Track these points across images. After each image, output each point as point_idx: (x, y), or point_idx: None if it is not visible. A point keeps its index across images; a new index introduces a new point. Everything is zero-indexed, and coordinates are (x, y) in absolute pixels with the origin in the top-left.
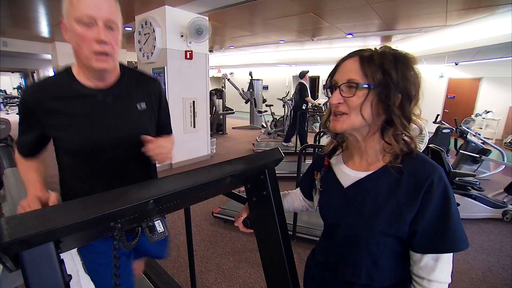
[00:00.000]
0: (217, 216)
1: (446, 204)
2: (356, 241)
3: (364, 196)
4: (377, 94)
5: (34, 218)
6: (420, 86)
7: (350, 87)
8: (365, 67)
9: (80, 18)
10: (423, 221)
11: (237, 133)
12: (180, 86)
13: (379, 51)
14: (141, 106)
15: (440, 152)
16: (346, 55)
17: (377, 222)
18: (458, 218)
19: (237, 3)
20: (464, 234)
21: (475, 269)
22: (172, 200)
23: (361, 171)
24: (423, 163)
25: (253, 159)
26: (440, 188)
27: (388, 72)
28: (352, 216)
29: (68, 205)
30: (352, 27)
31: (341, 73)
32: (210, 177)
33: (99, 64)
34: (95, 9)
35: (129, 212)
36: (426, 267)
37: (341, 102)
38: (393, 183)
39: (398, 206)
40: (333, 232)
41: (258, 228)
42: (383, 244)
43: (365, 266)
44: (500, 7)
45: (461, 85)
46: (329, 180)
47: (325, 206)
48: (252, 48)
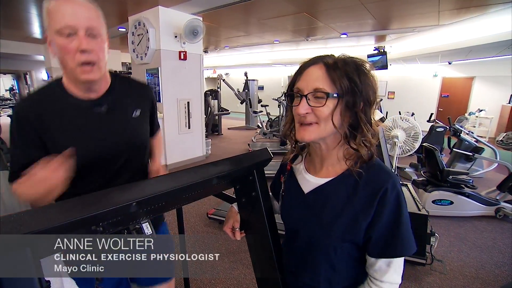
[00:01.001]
0: (212, 217)
1: (398, 212)
2: (314, 246)
3: (323, 202)
4: (345, 102)
5: (10, 223)
6: (377, 91)
7: (318, 97)
8: (332, 75)
9: (60, 29)
10: (377, 227)
11: (232, 133)
12: (175, 87)
13: (340, 58)
14: (135, 114)
15: (433, 151)
16: (308, 61)
17: (334, 228)
18: (408, 225)
19: (231, 3)
20: (413, 239)
21: (468, 266)
22: (157, 202)
23: (321, 177)
24: (378, 171)
25: (241, 160)
26: (393, 196)
27: (353, 79)
28: (311, 221)
29: (47, 209)
30: (346, 27)
31: (305, 81)
32: (196, 178)
33: (84, 75)
34: (74, 18)
35: (111, 214)
36: (379, 270)
37: (309, 112)
38: (350, 191)
39: (354, 214)
40: (293, 237)
41: (248, 229)
42: (340, 249)
43: (323, 270)
44: (492, 6)
45: (455, 84)
46: (291, 185)
47: (286, 210)
48: (247, 48)
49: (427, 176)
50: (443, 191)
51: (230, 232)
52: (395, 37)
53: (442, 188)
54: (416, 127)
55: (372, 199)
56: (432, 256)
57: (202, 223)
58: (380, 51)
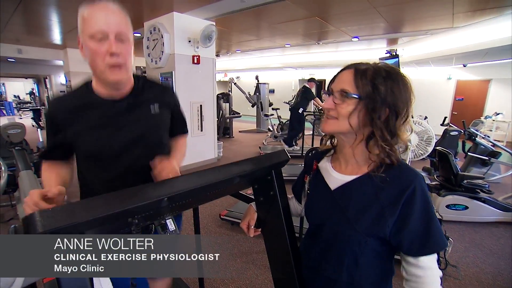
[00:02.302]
0: (225, 218)
1: (428, 209)
2: (339, 240)
3: (350, 198)
4: (364, 106)
5: (63, 212)
6: (411, 104)
7: (342, 96)
8: (357, 79)
9: (92, 34)
10: (411, 225)
11: (243, 136)
12: (188, 90)
13: (374, 66)
14: (154, 111)
15: (447, 155)
16: (345, 66)
17: (360, 222)
18: (437, 219)
19: (243, 8)
20: (443, 233)
21: (484, 273)
22: (184, 199)
23: (348, 175)
24: (405, 169)
25: (260, 161)
26: (421, 194)
27: (377, 86)
28: (337, 216)
29: (92, 202)
30: (358, 30)
31: (337, 82)
32: (220, 177)
33: (112, 76)
34: (106, 24)
35: (145, 208)
36: (421, 267)
37: (332, 107)
38: (377, 187)
39: (381, 209)
40: (318, 231)
41: (265, 227)
42: (364, 243)
43: (346, 264)
44: (508, 8)
45: (470, 87)
46: (317, 183)
47: (311, 207)
48: (258, 52)
49: (440, 180)
50: (458, 195)
51: (245, 228)
52: (407, 40)
53: (457, 193)
54: (429, 130)
55: (399, 196)
56: (446, 261)
57: (214, 224)
58: (392, 54)
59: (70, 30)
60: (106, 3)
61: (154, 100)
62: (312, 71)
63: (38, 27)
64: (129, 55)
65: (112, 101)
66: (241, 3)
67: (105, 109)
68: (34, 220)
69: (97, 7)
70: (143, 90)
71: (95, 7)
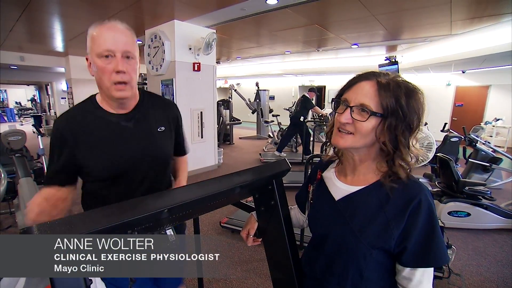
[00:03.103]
0: (225, 226)
1: (432, 222)
2: (343, 252)
3: (354, 209)
4: (387, 124)
5: (62, 225)
6: (422, 119)
7: (363, 111)
8: (381, 95)
9: (100, 53)
10: (413, 237)
11: (244, 143)
12: (188, 97)
13: (394, 79)
14: (160, 128)
15: (448, 161)
16: (363, 74)
17: (365, 234)
18: (441, 234)
19: (244, 16)
20: (445, 248)
21: (489, 281)
22: (185, 210)
23: (353, 186)
24: (412, 182)
25: (261, 170)
26: (426, 206)
27: (400, 103)
28: (341, 227)
29: (90, 214)
30: (357, 38)
31: (355, 93)
32: (221, 187)
33: (118, 93)
34: (113, 43)
35: (145, 220)
36: (414, 280)
37: (350, 122)
38: (382, 198)
39: (386, 220)
40: (321, 242)
41: (266, 236)
42: (369, 256)
43: (351, 276)
44: (505, 16)
45: (469, 93)
46: (321, 193)
47: (315, 218)
48: (258, 59)
49: (442, 187)
50: (460, 202)
51: (245, 237)
52: (406, 46)
53: (458, 200)
54: (429, 137)
55: (405, 208)
56: (449, 269)
57: (215, 231)
58: (392, 61)
59: (72, 37)
60: (114, 23)
61: (159, 115)
62: (312, 78)
63: (41, 35)
64: (135, 72)
65: (117, 116)
66: (241, 11)
67: (111, 125)
68: (32, 232)
69: (105, 27)
70: (148, 105)
71: (104, 27)
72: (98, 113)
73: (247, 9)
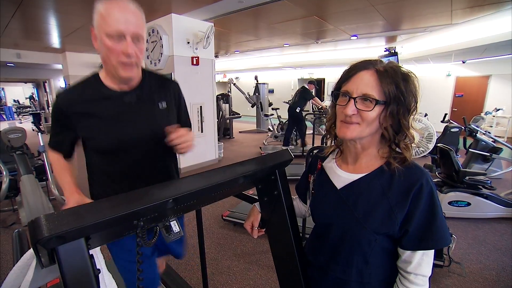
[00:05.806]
0: (227, 219)
1: (433, 205)
2: (348, 240)
3: (357, 196)
4: (390, 109)
5: (69, 216)
6: (418, 101)
7: (366, 100)
8: (382, 83)
9: (110, 33)
10: (414, 221)
11: (244, 137)
12: (187, 91)
13: (390, 66)
14: (162, 105)
15: (449, 152)
16: (359, 64)
17: (369, 221)
18: (443, 217)
19: (242, 9)
20: (448, 231)
21: (488, 269)
22: (189, 200)
23: (354, 173)
24: (413, 167)
25: (264, 160)
26: (428, 190)
27: (400, 88)
28: (345, 215)
29: (97, 204)
30: (356, 29)
31: (355, 84)
32: (224, 177)
33: (125, 73)
34: (124, 24)
35: (150, 211)
36: (413, 263)
37: (355, 113)
38: (384, 185)
39: (389, 206)
40: (325, 231)
41: (270, 227)
42: (374, 242)
43: (356, 263)
44: (506, 4)
45: (469, 83)
46: (322, 183)
47: (318, 207)
48: (257, 52)
49: (442, 177)
50: (460, 192)
51: (249, 229)
52: (406, 37)
53: (459, 189)
54: (429, 127)
55: (407, 193)
56: (450, 258)
57: (217, 224)
58: (391, 52)
59: (68, 33)
60: (126, 2)
61: (162, 93)
62: (311, 70)
63: (37, 31)
64: (142, 53)
65: (122, 93)
66: (239, 3)
67: (115, 101)
68: (40, 224)
69: (116, 4)
70: (150, 83)
71: (114, 4)
72: (101, 89)
73: (244, 1)
